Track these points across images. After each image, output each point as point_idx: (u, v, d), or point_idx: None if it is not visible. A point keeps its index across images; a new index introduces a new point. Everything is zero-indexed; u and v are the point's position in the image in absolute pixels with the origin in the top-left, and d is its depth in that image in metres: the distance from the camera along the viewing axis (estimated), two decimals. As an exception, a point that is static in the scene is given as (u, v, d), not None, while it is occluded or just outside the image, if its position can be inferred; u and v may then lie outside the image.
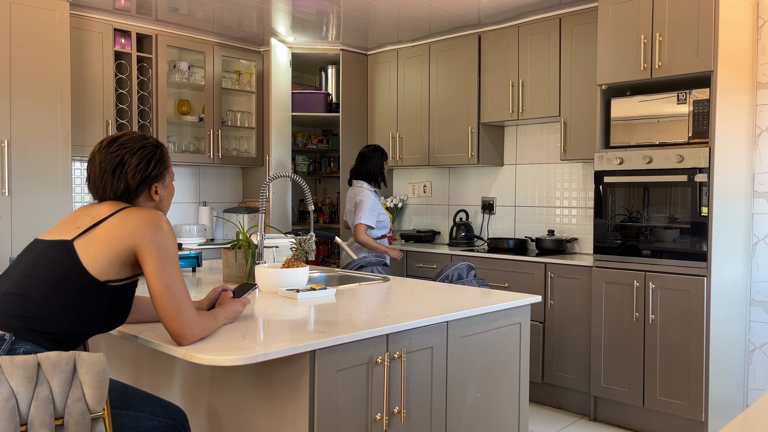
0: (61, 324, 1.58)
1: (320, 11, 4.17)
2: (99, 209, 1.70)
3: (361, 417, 1.80)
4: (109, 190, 1.72)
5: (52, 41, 3.79)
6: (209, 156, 4.77)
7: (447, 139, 4.66)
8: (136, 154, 1.73)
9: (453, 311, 2.06)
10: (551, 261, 3.79)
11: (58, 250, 1.61)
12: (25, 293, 1.57)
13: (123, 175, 1.72)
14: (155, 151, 1.77)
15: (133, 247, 1.61)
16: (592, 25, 3.87)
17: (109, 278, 1.62)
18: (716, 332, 3.22)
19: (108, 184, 1.72)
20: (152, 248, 1.61)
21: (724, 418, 3.32)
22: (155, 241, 1.62)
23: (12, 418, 1.37)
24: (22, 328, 1.54)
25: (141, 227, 1.62)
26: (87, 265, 1.59)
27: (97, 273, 1.60)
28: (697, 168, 3.17)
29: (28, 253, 1.66)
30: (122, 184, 1.72)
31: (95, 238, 1.62)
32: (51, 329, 1.57)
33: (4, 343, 1.52)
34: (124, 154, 1.72)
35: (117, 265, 1.62)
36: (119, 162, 1.72)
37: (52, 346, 1.58)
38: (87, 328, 1.64)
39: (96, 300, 1.61)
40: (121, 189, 1.72)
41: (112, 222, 1.64)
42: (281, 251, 2.94)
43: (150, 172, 1.75)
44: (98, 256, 1.60)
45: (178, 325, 1.61)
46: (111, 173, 1.71)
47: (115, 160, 1.72)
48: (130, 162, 1.72)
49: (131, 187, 1.73)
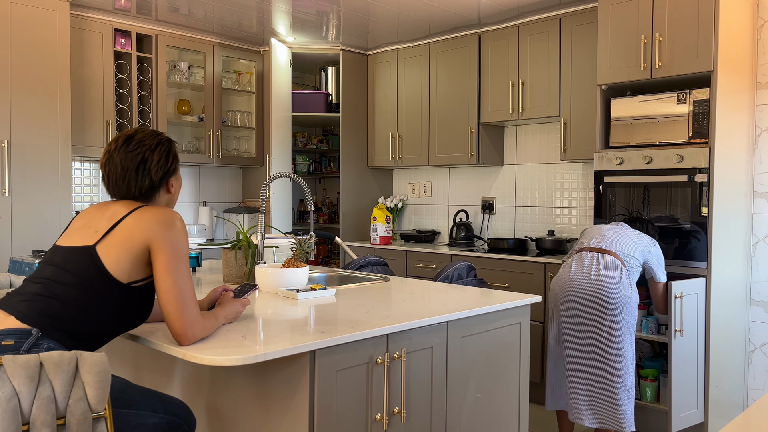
0: (88, 325, 1.62)
1: (320, 11, 4.17)
2: (114, 208, 1.73)
3: (361, 417, 1.81)
4: (134, 188, 1.75)
5: (52, 41, 3.79)
6: (209, 156, 4.77)
7: (447, 139, 4.66)
8: (156, 151, 1.78)
9: (453, 311, 2.06)
10: (551, 261, 3.79)
11: (82, 256, 1.64)
12: (53, 296, 1.60)
13: (147, 172, 1.75)
14: (170, 146, 1.83)
15: (148, 244, 1.64)
16: (592, 25, 3.87)
17: (132, 279, 1.65)
18: (716, 332, 3.22)
19: (132, 182, 1.75)
20: (165, 245, 1.64)
21: (724, 418, 3.32)
22: (168, 239, 1.64)
23: (14, 417, 1.37)
24: (50, 327, 1.58)
25: (155, 225, 1.65)
26: (110, 268, 1.63)
27: (120, 275, 1.63)
28: (697, 168, 3.18)
29: (52, 259, 1.68)
30: (147, 181, 1.76)
31: (114, 241, 1.64)
32: (77, 330, 1.61)
33: (30, 336, 1.54)
34: (145, 152, 1.76)
35: (136, 264, 1.65)
36: (141, 160, 1.75)
37: (76, 346, 1.61)
38: (111, 328, 1.67)
39: (121, 301, 1.65)
40: (146, 186, 1.76)
41: (128, 222, 1.67)
42: (281, 251, 2.94)
43: (170, 166, 1.81)
44: (119, 258, 1.63)
45: (180, 324, 1.62)
46: (134, 171, 1.74)
47: (138, 158, 1.75)
48: (151, 159, 1.76)
49: (155, 183, 1.77)
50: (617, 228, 3.03)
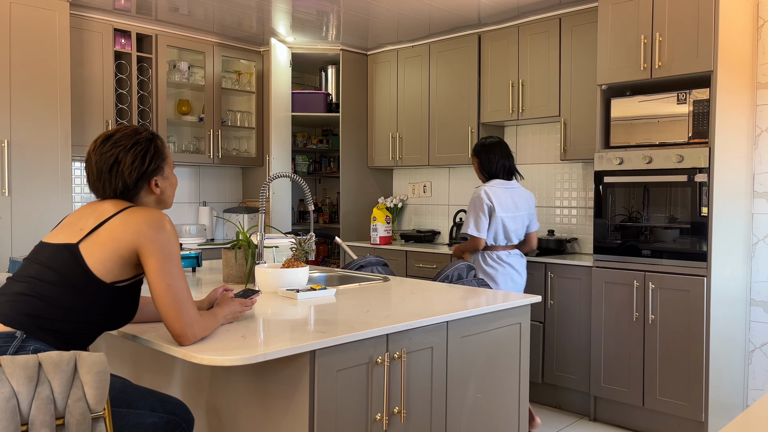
0: (72, 324, 1.61)
1: (320, 11, 4.17)
2: (102, 208, 1.70)
3: (361, 417, 1.80)
4: (108, 189, 1.72)
5: (52, 41, 3.79)
6: (209, 156, 4.77)
7: (447, 139, 4.66)
8: (130, 152, 1.71)
9: (453, 311, 2.06)
10: (551, 261, 3.79)
11: (65, 254, 1.62)
12: (37, 294, 1.59)
13: (120, 174, 1.71)
14: (149, 146, 1.75)
15: (136, 247, 1.62)
16: (592, 25, 3.87)
17: (116, 279, 1.63)
18: (716, 332, 3.22)
19: (107, 184, 1.72)
20: (154, 249, 1.61)
21: (724, 418, 3.32)
22: (157, 242, 1.62)
23: (13, 417, 1.37)
24: (34, 327, 1.57)
25: (143, 228, 1.62)
26: (93, 268, 1.60)
27: (104, 275, 1.61)
28: (697, 168, 3.18)
29: (36, 256, 1.66)
30: (120, 183, 1.71)
31: (99, 240, 1.62)
32: (62, 329, 1.59)
33: (15, 339, 1.53)
34: (119, 153, 1.71)
35: (122, 265, 1.63)
36: (114, 161, 1.70)
37: (62, 345, 1.60)
38: (97, 327, 1.66)
39: (105, 301, 1.63)
40: (119, 187, 1.72)
41: (114, 223, 1.64)
42: (281, 251, 2.94)
43: (147, 167, 1.73)
44: (103, 258, 1.61)
45: (179, 326, 1.61)
46: (108, 173, 1.71)
47: (110, 159, 1.70)
48: (125, 160, 1.71)
49: (129, 185, 1.72)
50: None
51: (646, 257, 3.36)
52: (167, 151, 1.82)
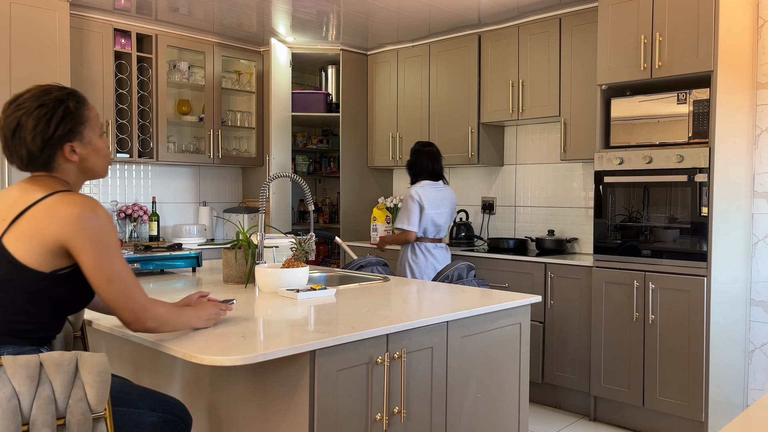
0: (32, 320, 1.52)
1: (320, 11, 4.17)
2: (15, 195, 1.54)
3: (361, 417, 1.81)
4: (15, 158, 1.56)
5: (52, 41, 3.79)
6: (209, 156, 4.77)
7: (447, 139, 4.66)
8: (32, 115, 1.52)
9: (453, 311, 2.06)
10: (551, 261, 3.79)
11: None
12: None
13: (22, 140, 1.53)
14: (57, 108, 1.54)
15: (64, 243, 1.47)
16: (592, 25, 3.87)
17: (55, 268, 1.49)
18: (716, 332, 3.22)
19: (13, 151, 1.55)
20: (86, 244, 1.47)
21: (724, 418, 3.32)
22: (87, 237, 1.47)
23: (14, 417, 1.37)
24: None
25: (70, 223, 1.46)
26: (24, 261, 1.46)
27: (39, 266, 1.47)
28: (697, 168, 3.18)
29: None
30: (23, 150, 1.54)
31: (21, 231, 1.47)
32: (25, 328, 1.52)
33: None
34: (21, 116, 1.52)
35: (55, 257, 1.49)
36: (17, 125, 1.53)
37: (33, 342, 1.55)
38: (55, 317, 1.57)
39: (53, 291, 1.51)
40: (24, 155, 1.55)
41: (37, 213, 1.48)
42: (281, 251, 2.94)
43: (53, 132, 1.53)
44: (31, 250, 1.46)
45: (130, 312, 1.54)
46: (11, 138, 1.54)
47: (12, 123, 1.53)
48: (26, 125, 1.52)
49: (34, 153, 1.54)
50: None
51: (646, 257, 3.36)
52: (88, 113, 1.61)
